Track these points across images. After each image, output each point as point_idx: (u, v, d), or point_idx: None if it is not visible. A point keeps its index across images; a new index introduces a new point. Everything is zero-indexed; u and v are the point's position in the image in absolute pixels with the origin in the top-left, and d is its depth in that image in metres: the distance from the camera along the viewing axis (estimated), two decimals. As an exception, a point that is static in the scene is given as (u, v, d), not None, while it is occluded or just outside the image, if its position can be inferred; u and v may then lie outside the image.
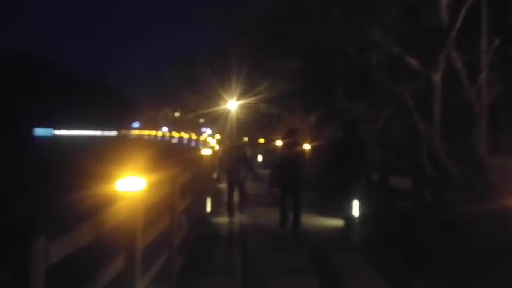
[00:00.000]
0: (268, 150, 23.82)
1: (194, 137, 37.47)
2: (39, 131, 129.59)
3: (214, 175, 14.12)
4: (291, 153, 9.49)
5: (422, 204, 9.71)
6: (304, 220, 9.79)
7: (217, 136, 29.40)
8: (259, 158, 26.00)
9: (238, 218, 10.40)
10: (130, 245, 3.65)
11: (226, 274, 6.27)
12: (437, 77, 9.99)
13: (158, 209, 5.08)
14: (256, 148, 27.67)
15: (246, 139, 22.62)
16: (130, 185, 3.63)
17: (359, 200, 9.49)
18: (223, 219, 10.26)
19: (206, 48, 37.82)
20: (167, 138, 54.22)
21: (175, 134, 48.60)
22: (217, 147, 18.96)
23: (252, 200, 11.83)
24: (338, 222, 9.71)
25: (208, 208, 10.32)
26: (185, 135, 43.01)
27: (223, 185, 12.31)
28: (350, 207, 9.69)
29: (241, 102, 30.46)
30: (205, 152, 11.63)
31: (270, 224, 9.62)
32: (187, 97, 43.61)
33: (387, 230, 8.75)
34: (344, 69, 12.59)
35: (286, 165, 9.42)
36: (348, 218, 9.40)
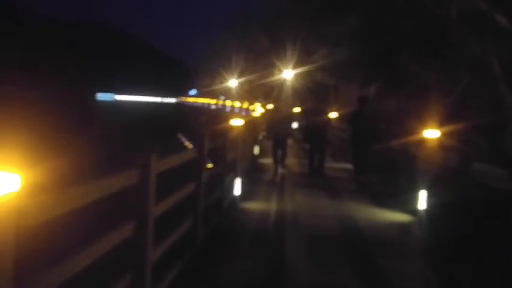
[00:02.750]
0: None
1: (245, 105, 36.50)
2: (102, 96, 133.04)
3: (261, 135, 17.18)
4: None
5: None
6: (357, 211, 7.98)
7: (270, 105, 28.16)
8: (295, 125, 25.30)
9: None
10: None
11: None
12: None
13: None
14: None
15: (297, 110, 21.11)
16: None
17: (427, 189, 7.55)
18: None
19: (262, 13, 36.11)
20: (221, 107, 53.55)
21: (228, 103, 47.98)
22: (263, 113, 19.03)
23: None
24: (400, 217, 7.80)
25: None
26: (236, 104, 42.41)
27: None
28: (415, 198, 7.81)
29: (296, 71, 29.24)
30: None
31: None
32: (242, 65, 42.79)
33: (462, 232, 6.74)
34: (414, 27, 10.40)
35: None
36: (415, 212, 7.51)
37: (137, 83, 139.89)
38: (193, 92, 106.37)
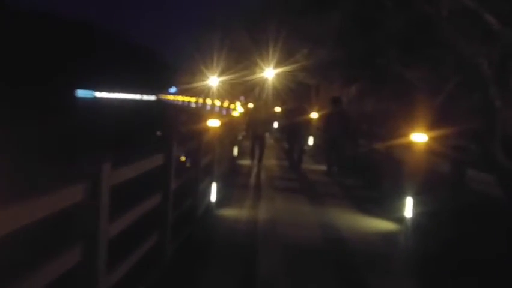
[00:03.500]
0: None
1: (225, 104, 36.18)
2: (81, 93, 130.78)
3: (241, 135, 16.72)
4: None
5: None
6: (340, 219, 7.51)
7: (250, 104, 27.88)
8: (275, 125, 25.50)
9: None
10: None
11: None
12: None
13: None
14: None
15: (278, 109, 21.11)
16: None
17: (414, 195, 7.14)
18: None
19: (243, 12, 35.66)
20: (200, 105, 53.03)
21: (208, 101, 47.49)
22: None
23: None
24: (385, 226, 7.37)
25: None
26: (216, 103, 42.03)
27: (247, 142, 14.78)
28: (401, 205, 7.41)
29: (278, 71, 28.91)
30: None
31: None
32: (223, 63, 42.35)
33: (457, 241, 6.31)
34: (400, 26, 10.00)
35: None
36: (401, 220, 7.10)
37: (117, 79, 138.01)
38: (172, 89, 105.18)
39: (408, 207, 7.39)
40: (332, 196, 9.46)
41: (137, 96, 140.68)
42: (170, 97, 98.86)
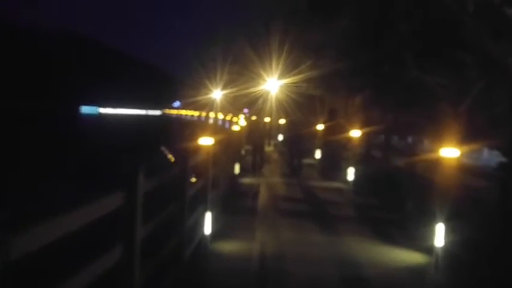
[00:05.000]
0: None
1: (228, 117, 35.58)
2: (86, 109, 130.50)
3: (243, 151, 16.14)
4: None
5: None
6: (358, 251, 6.37)
7: (253, 117, 27.16)
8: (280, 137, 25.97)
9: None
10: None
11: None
12: None
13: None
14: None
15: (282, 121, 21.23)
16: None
17: (445, 220, 6.03)
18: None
19: (246, 24, 35.07)
20: (204, 119, 52.49)
21: (211, 115, 46.91)
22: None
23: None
24: (412, 258, 6.22)
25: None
26: (219, 116, 41.45)
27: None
28: (428, 232, 6.30)
29: (282, 82, 28.19)
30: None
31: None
32: (226, 76, 41.91)
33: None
34: (416, 26, 8.94)
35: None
36: (429, 251, 5.97)
37: (121, 95, 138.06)
38: (176, 103, 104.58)
39: (439, 235, 6.25)
40: (347, 220, 8.30)
41: (142, 112, 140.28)
42: (174, 111, 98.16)
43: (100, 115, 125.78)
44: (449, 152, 6.35)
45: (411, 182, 8.02)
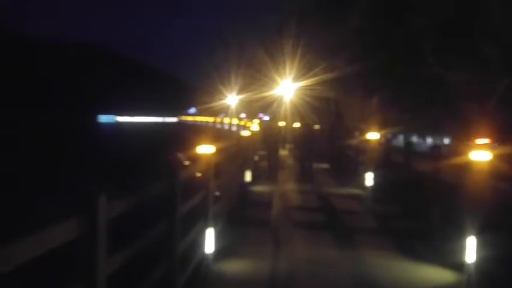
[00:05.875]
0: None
1: (242, 123, 35.21)
2: (103, 118, 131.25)
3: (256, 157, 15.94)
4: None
5: None
6: (380, 269, 5.66)
7: (270, 121, 26.83)
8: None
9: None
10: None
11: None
12: None
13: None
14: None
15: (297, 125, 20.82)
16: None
17: (477, 233, 5.32)
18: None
19: (259, 28, 34.85)
20: (219, 125, 52.27)
21: (226, 120, 46.61)
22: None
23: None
24: (441, 276, 5.50)
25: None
26: (233, 122, 41.18)
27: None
28: (458, 245, 5.59)
29: (296, 85, 27.68)
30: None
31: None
32: (241, 80, 41.75)
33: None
34: (435, 18, 8.22)
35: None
36: (460, 267, 5.26)
37: (138, 103, 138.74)
38: (192, 110, 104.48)
39: (470, 249, 5.52)
40: (366, 232, 7.59)
41: (159, 119, 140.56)
42: (190, 118, 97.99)
43: (117, 123, 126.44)
44: (480, 155, 5.63)
45: (437, 187, 7.28)
